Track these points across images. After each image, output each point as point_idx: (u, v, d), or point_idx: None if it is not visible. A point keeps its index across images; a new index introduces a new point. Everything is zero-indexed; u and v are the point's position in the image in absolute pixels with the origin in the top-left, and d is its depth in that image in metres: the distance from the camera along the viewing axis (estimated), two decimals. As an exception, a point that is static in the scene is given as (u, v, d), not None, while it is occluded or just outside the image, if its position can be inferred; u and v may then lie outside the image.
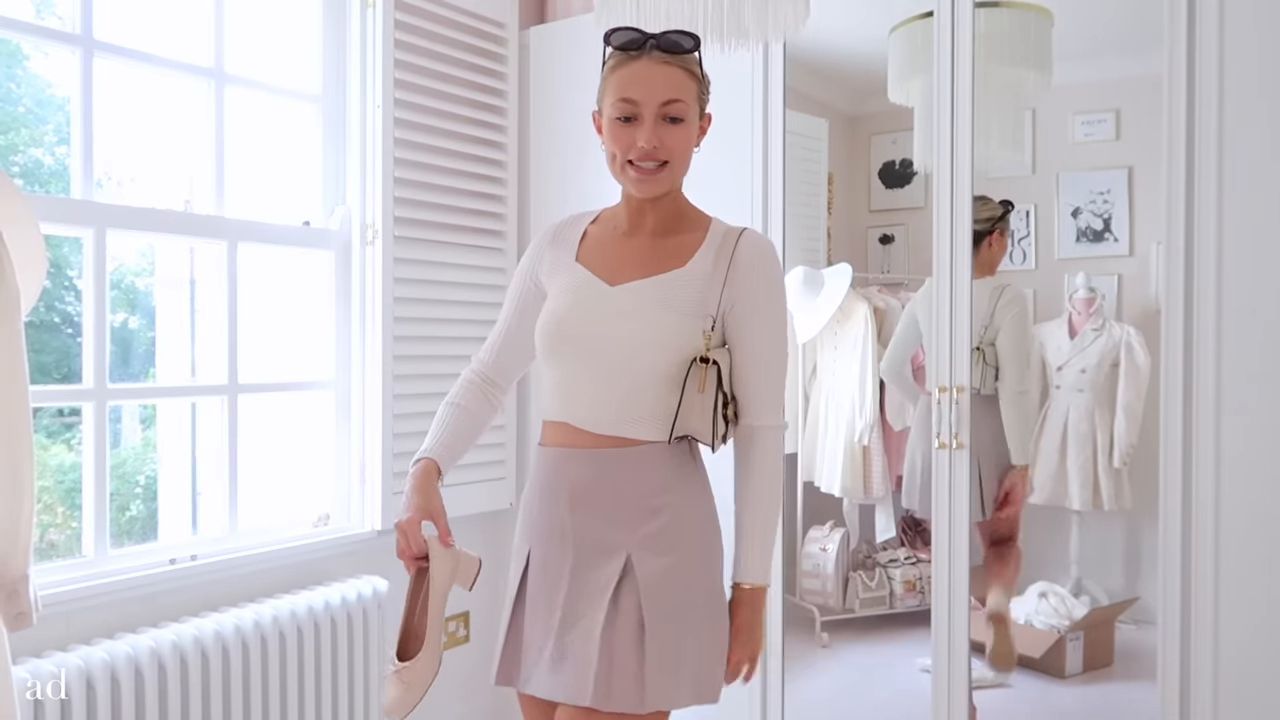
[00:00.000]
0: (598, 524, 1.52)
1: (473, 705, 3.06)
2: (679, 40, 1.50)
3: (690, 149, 1.54)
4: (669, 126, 1.50)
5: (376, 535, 2.71)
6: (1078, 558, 2.73)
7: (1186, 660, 2.08)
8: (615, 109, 1.50)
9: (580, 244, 1.63)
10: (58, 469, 2.63)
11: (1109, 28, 2.60)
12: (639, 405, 1.51)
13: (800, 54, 2.63)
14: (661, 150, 1.50)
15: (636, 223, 1.60)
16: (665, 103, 1.48)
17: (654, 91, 1.48)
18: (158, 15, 2.43)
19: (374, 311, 2.68)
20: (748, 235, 1.56)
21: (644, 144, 1.48)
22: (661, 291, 1.53)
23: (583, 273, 1.59)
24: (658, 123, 1.49)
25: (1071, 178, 2.67)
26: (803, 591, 2.99)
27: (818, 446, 2.99)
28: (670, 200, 1.58)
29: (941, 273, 2.35)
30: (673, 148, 1.50)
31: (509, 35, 3.03)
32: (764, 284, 1.54)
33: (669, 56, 1.49)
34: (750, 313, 1.53)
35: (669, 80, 1.49)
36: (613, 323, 1.52)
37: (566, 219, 1.69)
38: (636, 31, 1.50)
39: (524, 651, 1.55)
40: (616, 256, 1.59)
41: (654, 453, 1.51)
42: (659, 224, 1.59)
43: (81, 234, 2.18)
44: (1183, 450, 2.08)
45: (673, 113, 1.49)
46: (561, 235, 1.66)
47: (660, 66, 1.49)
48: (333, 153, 2.72)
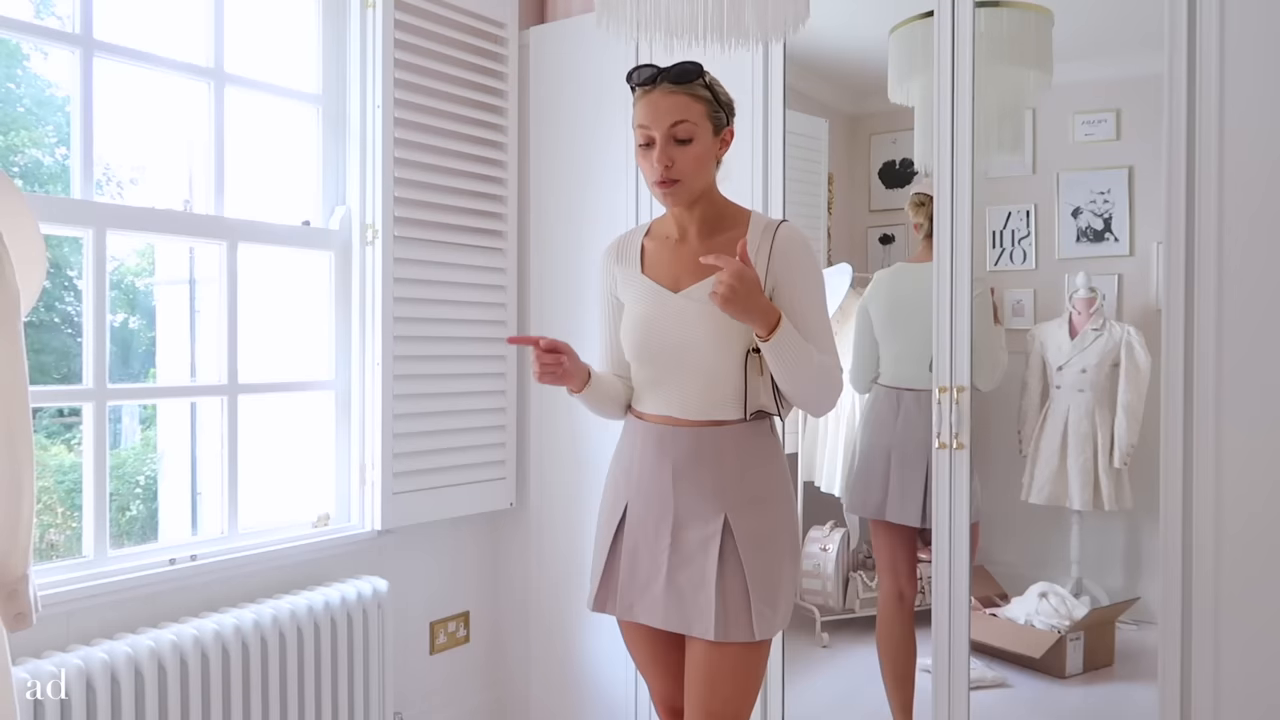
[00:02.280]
0: (697, 489, 1.78)
1: (473, 705, 3.06)
2: (684, 70, 1.73)
3: (703, 163, 1.76)
4: (678, 147, 1.73)
5: (376, 535, 2.71)
6: (1078, 558, 2.73)
7: (1187, 660, 2.08)
8: (637, 136, 1.76)
9: (642, 258, 1.88)
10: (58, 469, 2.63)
11: (1109, 28, 2.59)
12: (719, 392, 1.78)
13: (800, 54, 2.63)
14: (673, 169, 1.73)
15: (683, 230, 1.85)
16: (672, 125, 1.72)
17: (662, 117, 1.72)
18: (158, 15, 2.43)
19: (374, 311, 2.68)
20: (784, 227, 1.81)
21: (655, 164, 1.73)
22: None
23: (649, 284, 1.85)
24: (668, 144, 1.72)
25: (1071, 178, 2.66)
26: (803, 591, 2.99)
27: (818, 446, 2.99)
28: (706, 205, 1.82)
29: (941, 272, 2.35)
30: (683, 166, 1.74)
31: (509, 35, 3.03)
32: (799, 265, 1.78)
33: (675, 86, 1.73)
34: (791, 289, 1.77)
35: (675, 106, 1.72)
36: (682, 328, 1.78)
37: (622, 236, 1.95)
38: (650, 68, 1.75)
39: (623, 588, 1.84)
40: (674, 264, 1.84)
41: (738, 429, 1.79)
42: (702, 227, 1.83)
43: (81, 234, 2.18)
44: (1183, 450, 2.08)
45: (679, 134, 1.73)
46: (623, 252, 1.92)
47: (668, 96, 1.73)
48: (333, 153, 2.72)
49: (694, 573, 1.76)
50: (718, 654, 1.73)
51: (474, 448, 2.96)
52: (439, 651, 2.96)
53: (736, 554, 1.74)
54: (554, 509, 3.03)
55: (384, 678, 2.57)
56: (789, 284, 1.77)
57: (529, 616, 3.10)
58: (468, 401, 2.91)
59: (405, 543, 2.84)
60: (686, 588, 1.76)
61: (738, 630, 1.73)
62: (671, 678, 1.90)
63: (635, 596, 1.83)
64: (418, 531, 2.88)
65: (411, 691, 2.84)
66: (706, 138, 1.75)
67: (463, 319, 2.90)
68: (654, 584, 1.80)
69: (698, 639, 1.75)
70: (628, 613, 1.84)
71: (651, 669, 1.92)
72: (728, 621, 1.72)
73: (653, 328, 1.81)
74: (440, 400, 2.85)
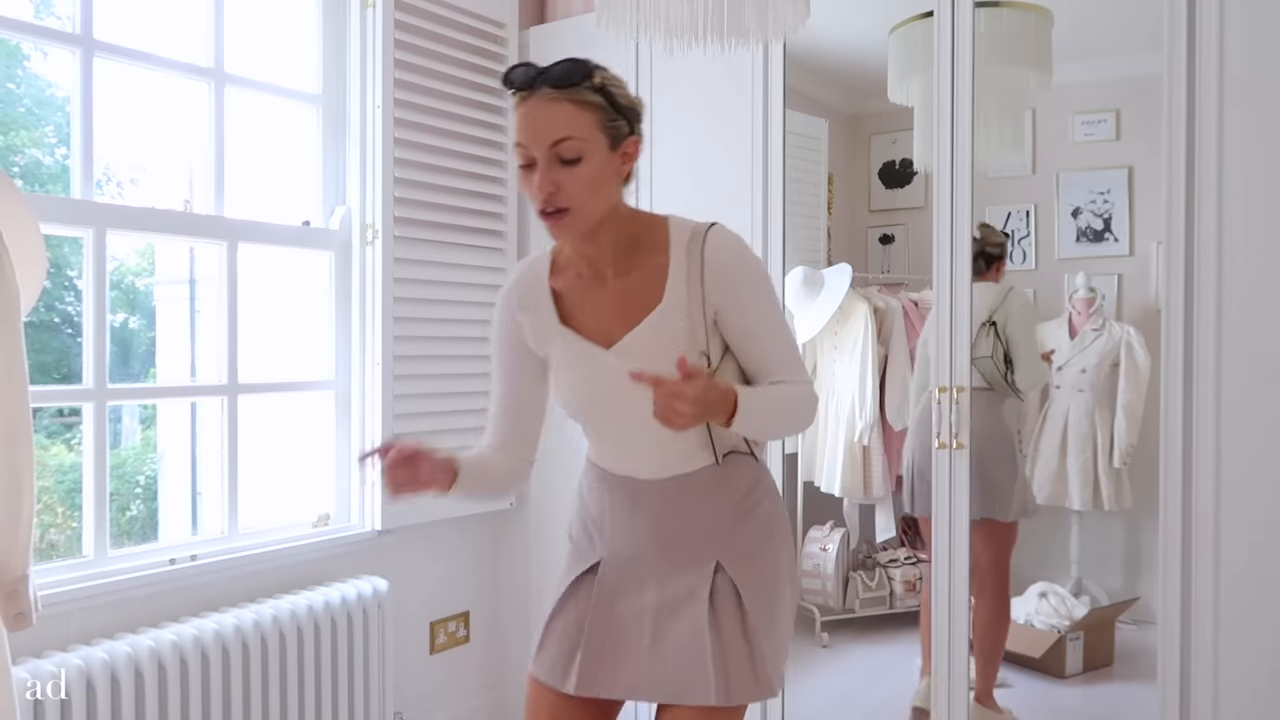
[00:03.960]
0: (683, 544, 1.53)
1: (473, 705, 3.06)
2: (567, 71, 1.39)
3: (598, 186, 1.42)
4: (564, 169, 1.39)
5: (376, 535, 2.71)
6: (1078, 558, 2.73)
7: (1186, 660, 2.08)
8: (516, 155, 1.42)
9: (556, 303, 1.55)
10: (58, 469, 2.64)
11: (1109, 28, 2.60)
12: (680, 446, 1.51)
13: (800, 54, 2.63)
14: (559, 195, 1.40)
15: (594, 266, 1.52)
16: (554, 143, 1.38)
17: (541, 133, 1.38)
18: (158, 15, 2.43)
19: (374, 311, 2.68)
20: (711, 238, 1.48)
21: (536, 190, 1.40)
22: (653, 337, 1.48)
23: (574, 339, 1.53)
24: (551, 166, 1.39)
25: (1071, 178, 2.67)
26: (803, 591, 2.99)
27: (818, 446, 2.99)
28: (614, 231, 1.49)
29: (941, 272, 2.35)
30: (572, 192, 1.40)
31: (509, 35, 3.03)
32: (739, 279, 1.48)
33: (557, 92, 1.38)
34: (738, 311, 1.48)
35: (558, 118, 1.38)
36: (624, 391, 1.44)
37: (520, 275, 1.60)
38: (526, 66, 1.41)
39: (588, 658, 1.53)
40: (597, 311, 1.52)
41: (714, 472, 1.53)
42: (616, 261, 1.51)
43: (81, 234, 2.18)
44: (1183, 450, 2.08)
45: (564, 153, 1.38)
46: (528, 297, 1.57)
47: (549, 105, 1.38)
48: (333, 153, 2.72)
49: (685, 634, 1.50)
50: None
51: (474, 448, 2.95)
52: (439, 651, 2.96)
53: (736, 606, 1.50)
54: (554, 509, 3.03)
55: (384, 678, 2.57)
56: (733, 307, 1.48)
57: (529, 616, 3.09)
58: (468, 401, 2.91)
59: (405, 543, 2.84)
60: (675, 653, 1.50)
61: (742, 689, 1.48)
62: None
63: (602, 667, 1.53)
64: (418, 531, 2.88)
65: (411, 691, 2.84)
66: (600, 154, 1.41)
67: (463, 319, 2.90)
68: (630, 652, 1.52)
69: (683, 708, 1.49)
70: (590, 685, 1.52)
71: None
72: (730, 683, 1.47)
73: (590, 393, 1.54)
74: (440, 400, 2.85)
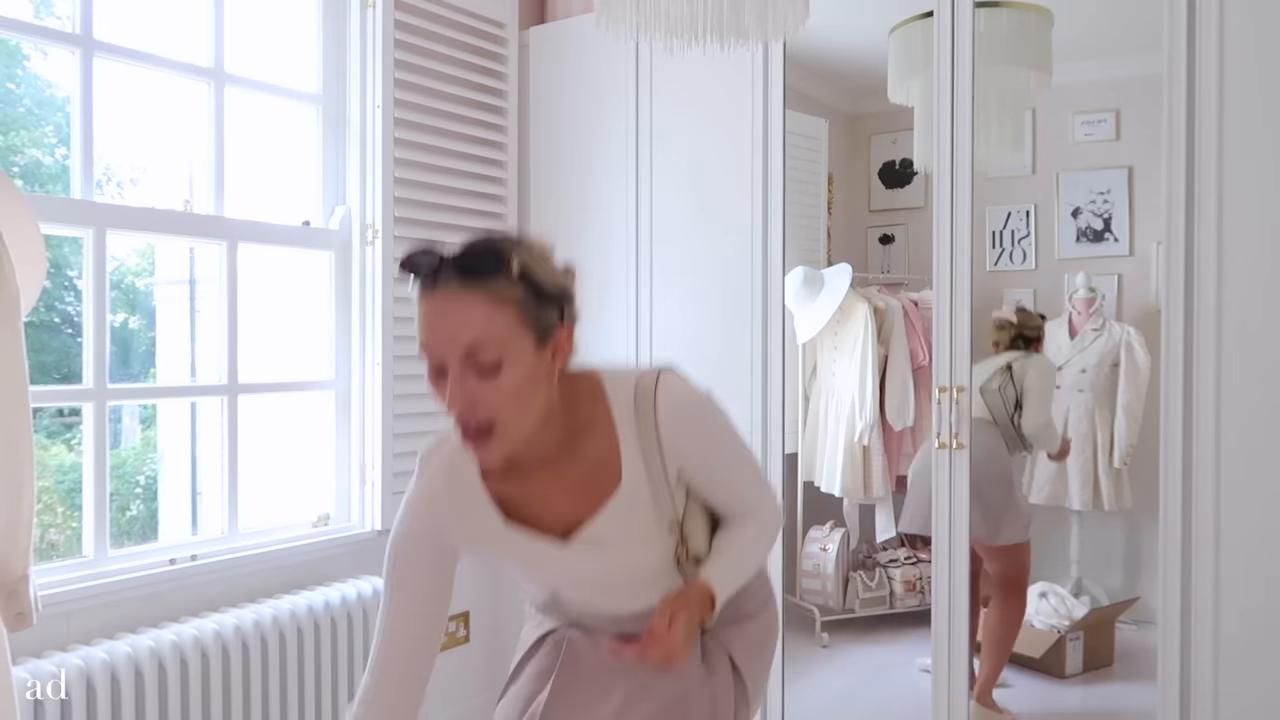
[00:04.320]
0: None
1: (473, 705, 3.06)
2: (478, 259, 1.13)
3: (524, 398, 1.16)
4: (481, 380, 1.13)
5: (376, 535, 2.71)
6: (1078, 558, 2.73)
7: (1186, 660, 2.08)
8: (421, 356, 1.17)
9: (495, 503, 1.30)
10: (58, 469, 2.64)
11: (1109, 28, 2.60)
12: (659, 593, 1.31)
13: (800, 54, 2.63)
14: (480, 407, 1.14)
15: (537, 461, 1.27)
16: (467, 351, 1.12)
17: (450, 337, 1.13)
18: (157, 15, 2.43)
19: (374, 311, 2.68)
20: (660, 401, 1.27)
21: (448, 405, 1.15)
22: (618, 521, 1.29)
23: (525, 541, 1.29)
24: (465, 376, 1.13)
25: (1071, 178, 2.67)
26: (803, 591, 2.99)
27: (818, 446, 2.99)
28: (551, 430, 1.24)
29: (941, 272, 2.35)
30: (493, 405, 1.14)
31: (509, 35, 3.03)
32: (699, 432, 1.32)
33: (467, 285, 1.12)
34: (701, 461, 1.32)
35: (468, 318, 1.12)
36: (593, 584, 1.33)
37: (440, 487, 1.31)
38: (427, 253, 1.13)
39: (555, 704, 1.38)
40: (546, 505, 1.29)
41: None
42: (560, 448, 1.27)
43: (81, 234, 2.18)
44: (1183, 450, 2.08)
45: (481, 361, 1.13)
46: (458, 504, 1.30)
47: (457, 303, 1.13)
48: (333, 153, 2.72)
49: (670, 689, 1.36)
50: None
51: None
52: (439, 651, 2.96)
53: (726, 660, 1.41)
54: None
55: None
56: (697, 463, 1.31)
57: (529, 616, 3.09)
58: (468, 401, 2.91)
59: (405, 543, 2.84)
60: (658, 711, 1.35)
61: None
62: None
63: None
64: (418, 531, 2.87)
65: (411, 691, 2.84)
66: (525, 357, 1.15)
67: (463, 319, 2.90)
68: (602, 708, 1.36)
69: None
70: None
71: None
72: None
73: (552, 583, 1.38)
74: (440, 400, 2.85)
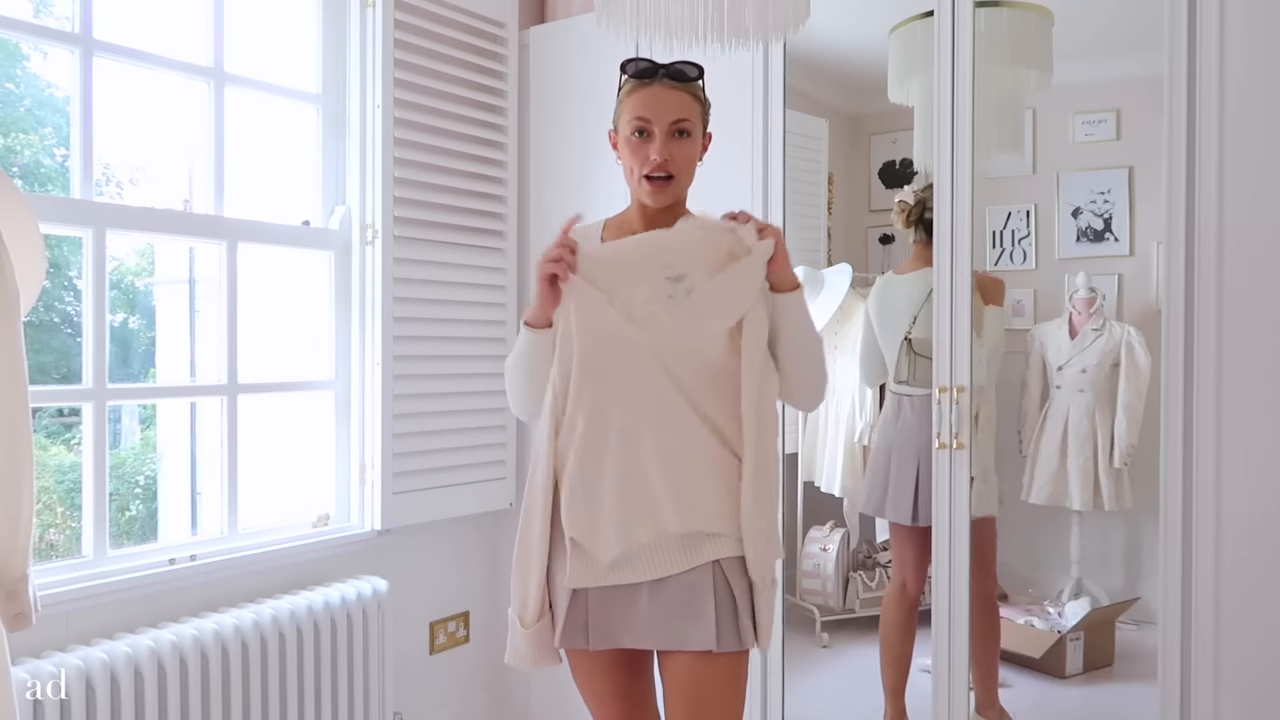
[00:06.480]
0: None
1: (473, 705, 3.06)
2: (685, 69, 1.74)
3: (694, 163, 1.77)
4: (677, 141, 1.73)
5: (376, 535, 2.71)
6: (1078, 558, 2.73)
7: (1187, 660, 2.08)
8: (631, 126, 1.73)
9: None
10: (58, 469, 2.64)
11: (1109, 28, 2.59)
12: None
13: (800, 54, 2.63)
14: (671, 163, 1.72)
15: None
16: (674, 121, 1.72)
17: (664, 112, 1.71)
18: (157, 15, 2.44)
19: (374, 311, 2.68)
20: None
21: (655, 156, 1.71)
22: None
23: None
24: (668, 139, 1.71)
25: (1071, 178, 2.66)
26: (803, 591, 2.99)
27: (818, 446, 2.99)
28: (678, 211, 1.80)
29: (941, 272, 2.35)
30: (680, 161, 1.73)
31: (509, 35, 3.03)
32: None
33: (676, 83, 1.73)
34: None
35: (677, 103, 1.72)
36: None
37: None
38: (649, 62, 1.74)
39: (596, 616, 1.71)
40: None
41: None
42: None
43: (81, 234, 2.18)
44: (1183, 450, 2.08)
45: (681, 129, 1.73)
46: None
47: (669, 91, 1.73)
48: (333, 153, 2.72)
49: (683, 586, 1.69)
50: (707, 667, 1.67)
51: (474, 448, 2.95)
52: (439, 651, 2.96)
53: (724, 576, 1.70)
54: (554, 509, 3.02)
55: (384, 678, 2.57)
56: None
57: (529, 616, 3.09)
58: (467, 401, 2.91)
59: (405, 543, 2.84)
60: (675, 603, 1.69)
61: (729, 638, 1.68)
62: (635, 706, 1.83)
63: (614, 621, 1.71)
64: (417, 531, 2.87)
65: (411, 691, 2.84)
66: (699, 138, 1.77)
67: (463, 319, 2.90)
68: (635, 605, 1.70)
69: (683, 655, 1.69)
70: (606, 639, 1.71)
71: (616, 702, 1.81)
72: (720, 631, 1.67)
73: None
74: (440, 400, 2.85)
